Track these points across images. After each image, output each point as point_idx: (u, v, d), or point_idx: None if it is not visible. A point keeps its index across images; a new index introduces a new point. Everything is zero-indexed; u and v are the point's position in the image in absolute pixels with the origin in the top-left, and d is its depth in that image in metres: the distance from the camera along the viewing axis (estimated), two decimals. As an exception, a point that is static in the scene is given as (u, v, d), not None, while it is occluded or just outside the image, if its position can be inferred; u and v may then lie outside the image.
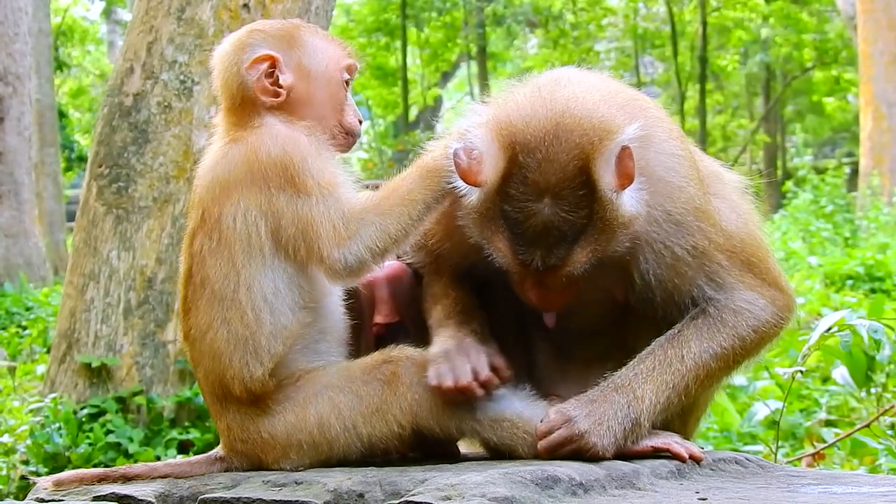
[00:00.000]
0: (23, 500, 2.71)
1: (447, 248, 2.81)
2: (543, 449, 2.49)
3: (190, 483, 2.58)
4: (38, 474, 5.30)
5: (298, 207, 2.55)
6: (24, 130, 14.53)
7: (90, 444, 5.86)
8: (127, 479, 2.63)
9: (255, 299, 2.56)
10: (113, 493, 2.54)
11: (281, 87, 2.69)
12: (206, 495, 2.48)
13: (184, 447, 6.01)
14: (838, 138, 32.57)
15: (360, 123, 2.83)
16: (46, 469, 5.68)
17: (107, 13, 33.27)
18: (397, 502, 2.24)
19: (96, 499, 2.54)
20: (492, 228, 2.51)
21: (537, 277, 2.53)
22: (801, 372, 3.92)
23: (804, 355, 3.80)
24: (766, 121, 31.43)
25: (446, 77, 34.90)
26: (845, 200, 17.17)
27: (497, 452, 2.60)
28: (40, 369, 8.19)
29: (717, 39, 30.26)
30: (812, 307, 8.86)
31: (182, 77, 6.50)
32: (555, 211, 2.44)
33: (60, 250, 18.30)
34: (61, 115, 22.21)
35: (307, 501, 2.33)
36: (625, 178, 2.45)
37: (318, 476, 2.45)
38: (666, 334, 2.65)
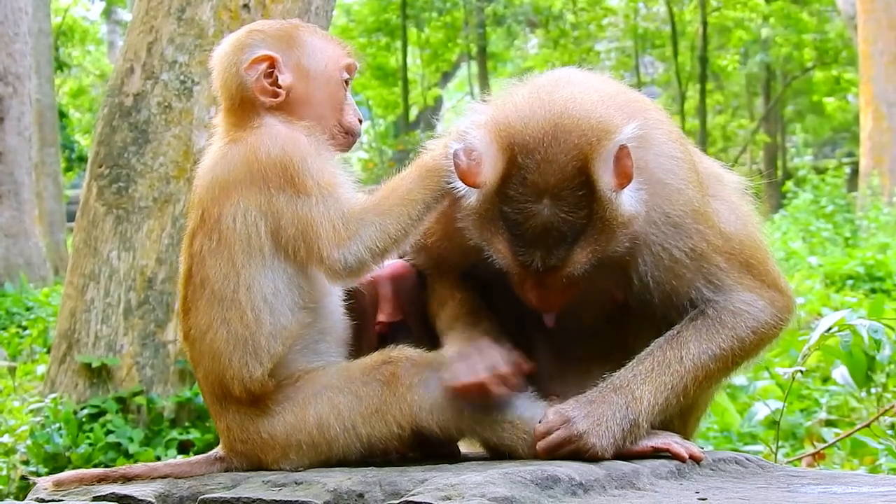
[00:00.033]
0: (23, 500, 2.71)
1: (447, 249, 2.81)
2: (542, 450, 2.49)
3: (190, 483, 2.58)
4: (39, 474, 5.29)
5: (298, 208, 2.55)
6: (25, 130, 14.53)
7: (90, 445, 5.86)
8: (127, 479, 2.63)
9: (255, 299, 2.56)
10: (113, 494, 2.54)
11: (280, 87, 2.69)
12: (206, 495, 2.48)
13: (184, 447, 6.01)
14: (838, 138, 32.55)
15: (360, 123, 2.83)
16: (46, 469, 5.68)
17: (107, 13, 33.27)
18: (397, 502, 2.24)
19: (96, 499, 2.54)
20: (491, 230, 2.51)
21: (537, 278, 2.52)
22: (802, 372, 3.92)
23: (804, 355, 3.80)
24: (766, 121, 31.42)
25: (446, 77, 34.88)
26: (845, 200, 17.16)
27: (497, 452, 2.60)
28: (40, 369, 8.18)
29: (717, 39, 30.25)
30: (812, 307, 8.85)
31: (182, 77, 6.50)
32: (554, 212, 2.44)
33: (61, 250, 18.29)
34: (61, 115, 22.21)
35: (307, 501, 2.33)
36: (623, 178, 2.45)
37: (318, 476, 2.45)
38: (665, 335, 2.65)
